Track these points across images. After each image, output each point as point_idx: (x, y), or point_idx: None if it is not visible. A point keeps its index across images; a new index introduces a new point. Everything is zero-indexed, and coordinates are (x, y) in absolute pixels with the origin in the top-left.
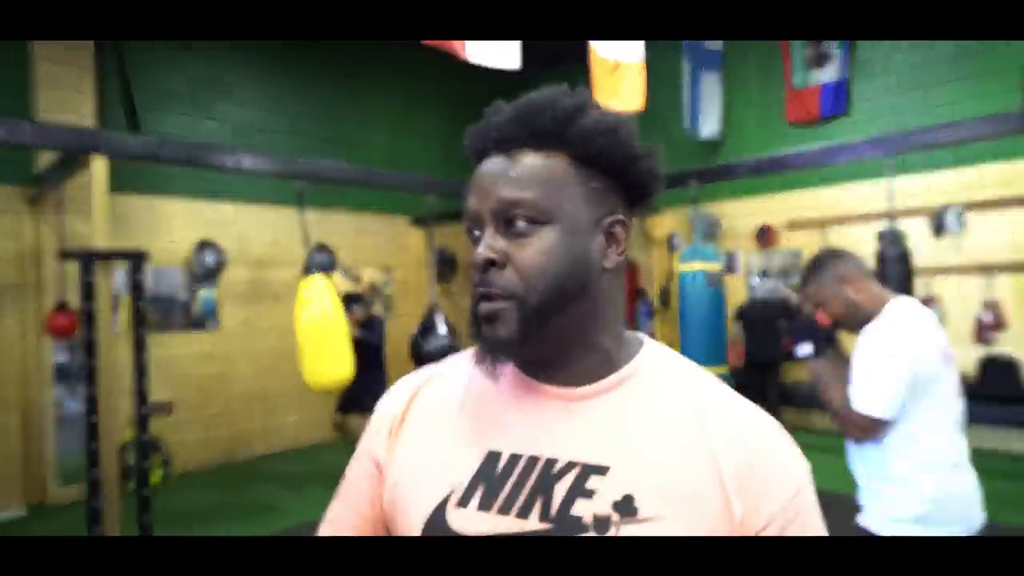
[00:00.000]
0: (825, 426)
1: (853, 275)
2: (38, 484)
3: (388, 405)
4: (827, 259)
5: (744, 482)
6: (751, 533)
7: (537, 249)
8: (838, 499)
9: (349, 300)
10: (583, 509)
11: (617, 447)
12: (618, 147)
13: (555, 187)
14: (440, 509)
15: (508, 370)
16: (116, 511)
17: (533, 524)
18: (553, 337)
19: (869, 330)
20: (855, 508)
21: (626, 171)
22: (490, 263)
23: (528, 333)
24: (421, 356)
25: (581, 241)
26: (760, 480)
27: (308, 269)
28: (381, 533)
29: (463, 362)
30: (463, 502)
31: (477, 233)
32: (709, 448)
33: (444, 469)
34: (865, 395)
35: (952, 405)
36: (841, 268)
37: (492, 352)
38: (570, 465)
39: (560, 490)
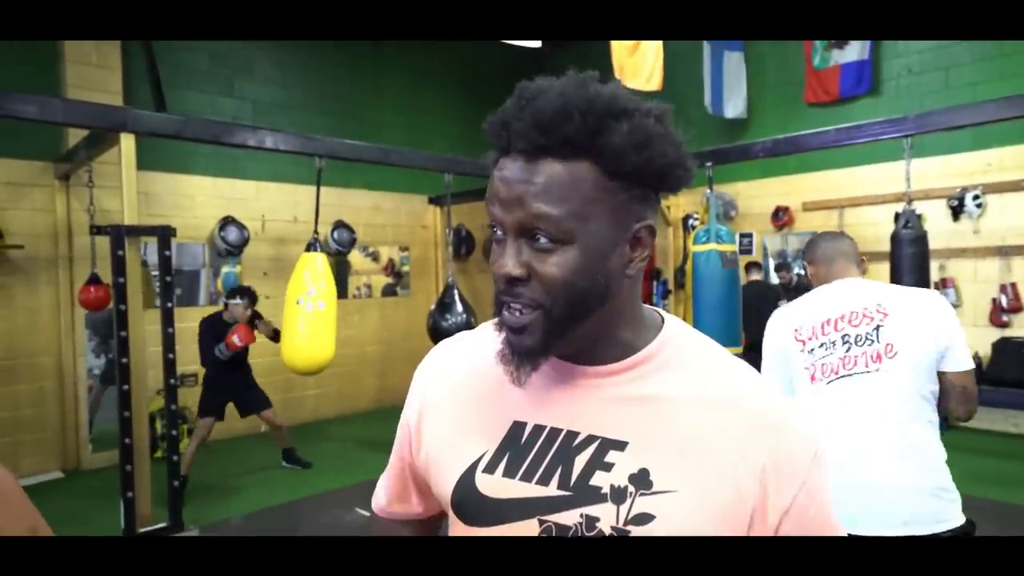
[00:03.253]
0: None
1: (809, 260)
2: (72, 449)
3: (422, 375)
4: (809, 243)
5: (760, 465)
6: (762, 513)
7: (560, 264)
8: None
9: (238, 293)
10: (601, 480)
11: (634, 423)
12: (653, 162)
13: (581, 204)
14: (469, 473)
15: None
16: (146, 476)
17: (552, 491)
18: (577, 339)
19: None
20: None
21: (661, 178)
22: (516, 279)
23: (550, 343)
24: (439, 332)
25: (604, 256)
26: (777, 463)
27: (308, 247)
28: (417, 474)
29: (491, 334)
30: (490, 468)
31: (500, 233)
32: (726, 429)
33: (473, 436)
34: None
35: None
36: (805, 255)
37: (517, 357)
38: (591, 439)
39: (580, 461)
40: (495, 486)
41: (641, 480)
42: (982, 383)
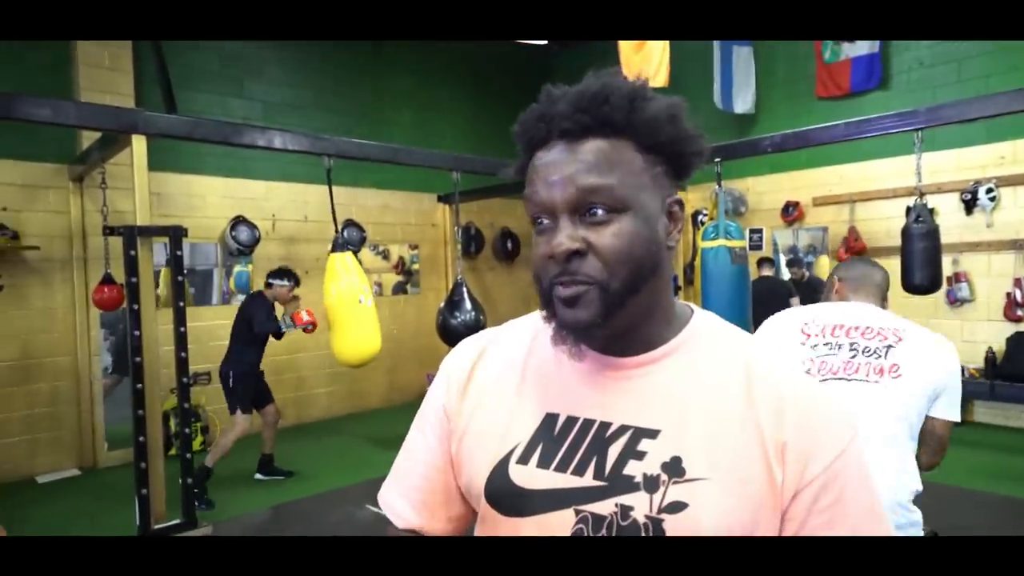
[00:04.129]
0: None
1: (843, 277)
2: (89, 448)
3: (456, 362)
4: (846, 261)
5: (787, 448)
6: (791, 495)
7: (617, 235)
8: None
9: (284, 275)
10: (635, 469)
11: (667, 412)
12: (680, 133)
13: (629, 176)
14: (503, 464)
15: (568, 339)
16: (161, 474)
17: (587, 481)
18: (629, 315)
19: None
20: None
21: (683, 155)
22: (575, 253)
23: (610, 315)
24: (448, 330)
25: (653, 225)
26: (803, 445)
27: (336, 246)
28: (449, 466)
29: (525, 327)
30: (523, 459)
31: (546, 221)
32: (754, 415)
33: (507, 427)
34: None
35: None
36: (842, 270)
37: (574, 333)
38: (623, 428)
39: (614, 451)
40: (529, 477)
41: (674, 468)
42: (997, 378)
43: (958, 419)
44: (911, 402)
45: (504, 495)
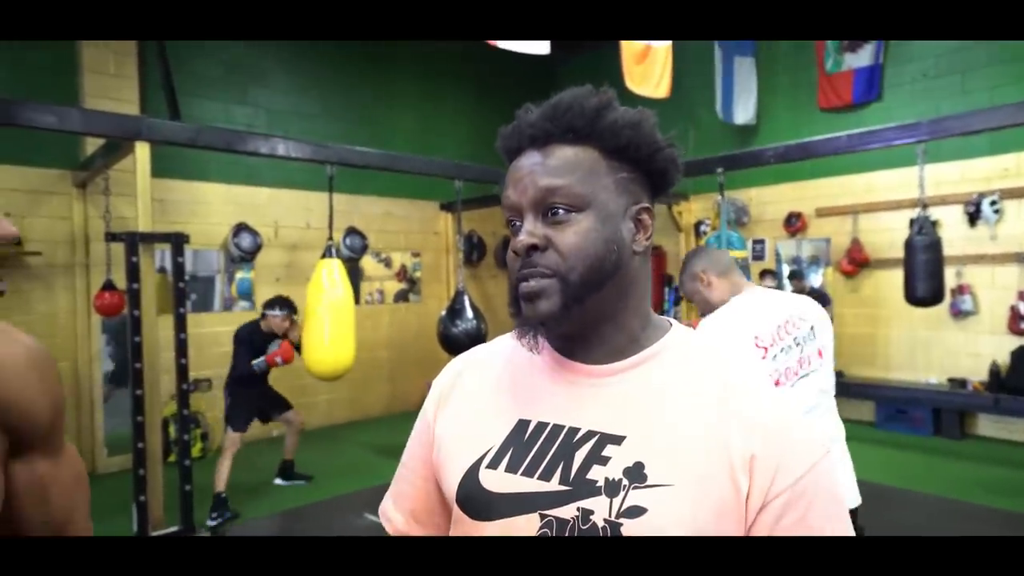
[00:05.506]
0: (848, 414)
1: (706, 272)
2: (88, 453)
3: (444, 375)
4: (688, 257)
5: (756, 460)
6: (756, 507)
7: (576, 232)
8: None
9: (277, 304)
10: (598, 473)
11: (634, 419)
12: (642, 139)
13: (589, 176)
14: (474, 469)
15: (544, 348)
16: (159, 480)
17: (553, 486)
18: (589, 313)
19: (703, 321)
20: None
21: (650, 160)
22: (532, 247)
23: (569, 307)
24: (449, 338)
25: (613, 226)
26: (772, 459)
27: (327, 253)
28: (432, 474)
29: (507, 342)
30: (493, 464)
31: (517, 223)
32: (725, 427)
33: (480, 434)
34: None
35: None
36: (697, 266)
37: (534, 327)
38: (590, 434)
39: (579, 456)
40: (498, 481)
41: (635, 473)
42: (1001, 391)
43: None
44: (831, 371)
45: (473, 499)
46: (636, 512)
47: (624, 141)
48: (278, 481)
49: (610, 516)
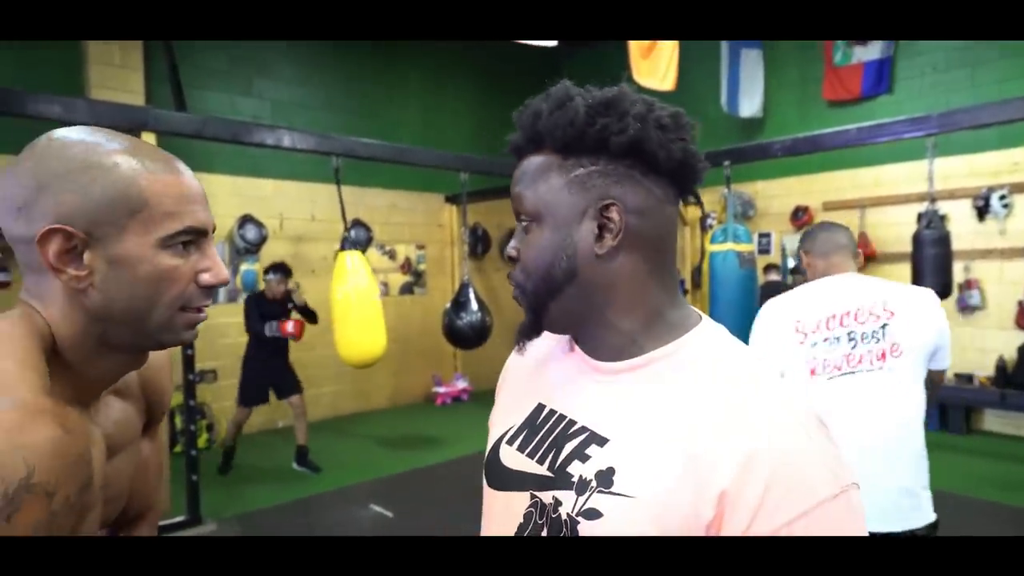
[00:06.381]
0: None
1: (807, 252)
2: None
3: (510, 357)
4: (802, 234)
5: (726, 496)
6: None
7: (532, 244)
8: None
9: (272, 269)
10: (576, 469)
11: (623, 423)
12: (587, 127)
13: (540, 183)
14: (498, 443)
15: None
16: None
17: (543, 470)
18: (563, 317)
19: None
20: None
21: (605, 143)
22: (513, 259)
23: (535, 318)
24: (454, 331)
25: (563, 233)
26: (752, 497)
27: (344, 244)
28: None
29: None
30: (511, 441)
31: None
32: (710, 451)
33: (509, 413)
34: None
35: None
36: (801, 245)
37: (517, 333)
38: (582, 429)
39: (567, 448)
40: (511, 457)
41: (605, 478)
42: (1008, 387)
43: (949, 364)
44: (918, 372)
45: (492, 469)
46: (593, 515)
47: (568, 136)
48: (295, 465)
49: (572, 512)
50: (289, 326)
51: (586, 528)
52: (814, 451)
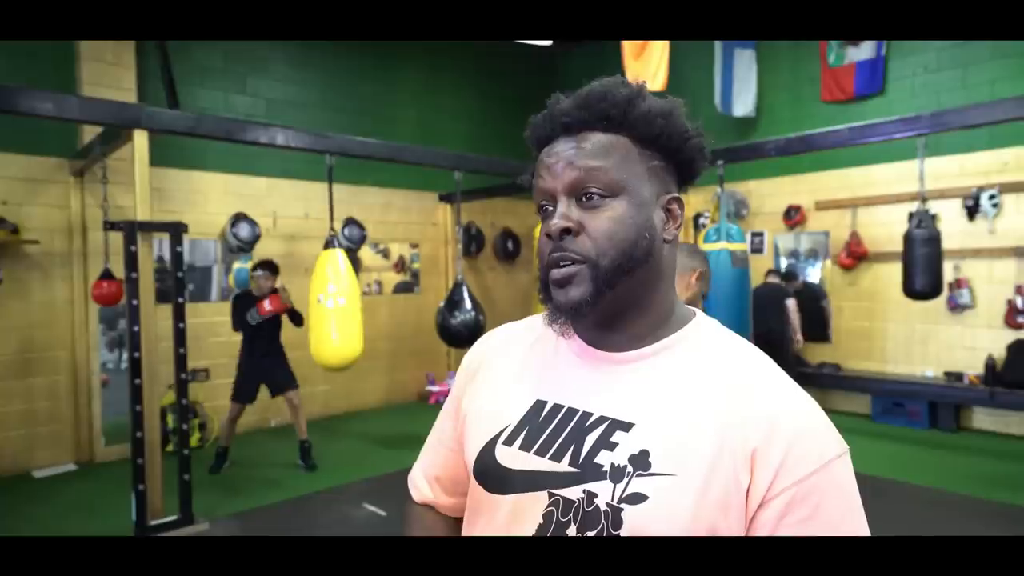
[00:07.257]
0: (844, 407)
1: (700, 276)
2: (86, 443)
3: (475, 349)
4: (689, 259)
5: (757, 455)
6: (757, 503)
7: (609, 217)
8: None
9: (259, 266)
10: (605, 458)
11: (645, 408)
12: (674, 128)
13: (623, 163)
14: (491, 444)
15: (571, 332)
16: (158, 470)
17: (563, 467)
18: (619, 300)
19: None
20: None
21: (680, 150)
22: (566, 231)
23: (599, 293)
24: (447, 330)
25: (646, 213)
26: (777, 455)
27: (329, 243)
28: (459, 445)
29: (536, 321)
30: (509, 441)
31: (550, 208)
32: (731, 420)
33: (500, 411)
34: None
35: None
36: (692, 268)
37: (564, 313)
38: (601, 419)
39: (589, 440)
40: (512, 458)
41: (640, 461)
42: (997, 385)
43: None
44: None
45: (490, 473)
46: (638, 499)
47: (657, 130)
48: (299, 462)
49: (612, 500)
50: (266, 304)
51: (631, 513)
52: (820, 416)
